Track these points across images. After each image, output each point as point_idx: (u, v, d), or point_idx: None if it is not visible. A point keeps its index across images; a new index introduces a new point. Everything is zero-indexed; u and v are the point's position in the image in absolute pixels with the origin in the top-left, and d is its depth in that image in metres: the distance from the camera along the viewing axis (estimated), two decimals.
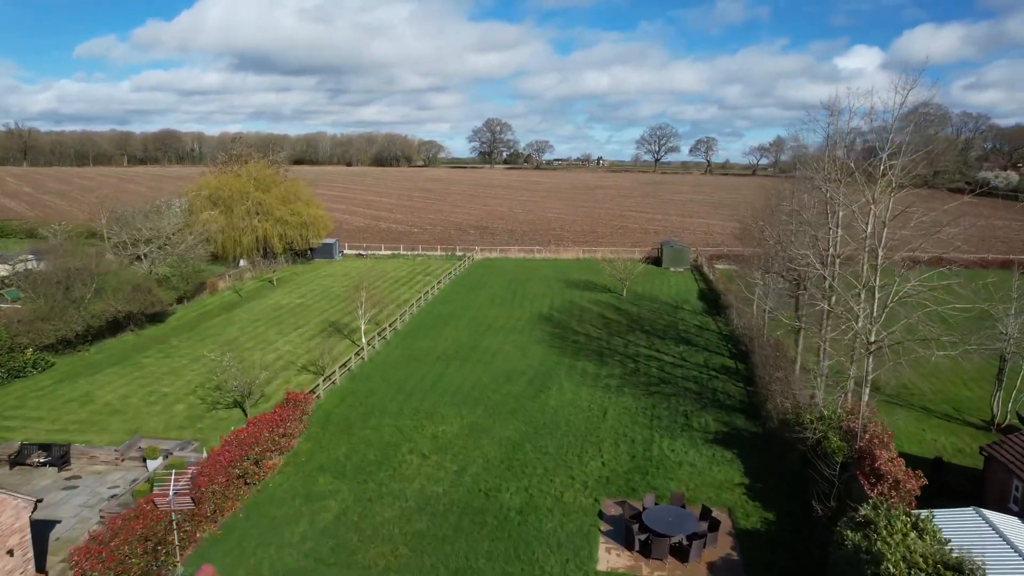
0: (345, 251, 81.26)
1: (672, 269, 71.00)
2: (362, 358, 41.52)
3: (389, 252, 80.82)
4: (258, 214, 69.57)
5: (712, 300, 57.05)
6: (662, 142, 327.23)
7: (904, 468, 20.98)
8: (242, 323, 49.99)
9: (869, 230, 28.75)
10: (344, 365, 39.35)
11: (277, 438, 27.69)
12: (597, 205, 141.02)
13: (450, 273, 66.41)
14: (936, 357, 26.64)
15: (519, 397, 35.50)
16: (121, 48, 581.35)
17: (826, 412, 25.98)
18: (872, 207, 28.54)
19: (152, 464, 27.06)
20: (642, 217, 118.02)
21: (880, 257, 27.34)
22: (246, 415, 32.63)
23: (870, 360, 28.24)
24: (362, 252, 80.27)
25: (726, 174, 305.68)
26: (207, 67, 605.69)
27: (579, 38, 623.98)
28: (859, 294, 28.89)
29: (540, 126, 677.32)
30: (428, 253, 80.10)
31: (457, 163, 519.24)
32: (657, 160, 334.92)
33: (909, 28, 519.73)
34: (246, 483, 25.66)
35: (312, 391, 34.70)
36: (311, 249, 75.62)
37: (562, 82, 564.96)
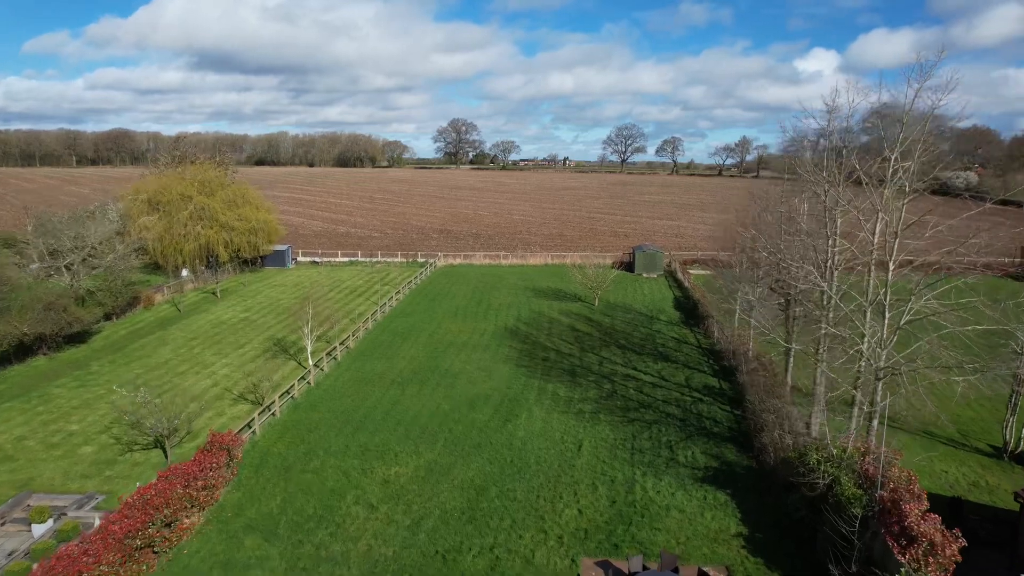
0: (299, 258, 76.24)
1: (645, 275, 67.83)
2: (308, 383, 37.11)
3: (346, 259, 76.06)
4: (202, 219, 64.26)
5: (689, 310, 53.88)
6: (628, 142, 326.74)
7: (941, 527, 17.63)
8: (177, 342, 44.98)
9: (876, 240, 25.63)
10: (287, 392, 34.93)
11: (195, 492, 23.24)
12: (565, 207, 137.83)
13: (410, 282, 62.10)
14: (953, 383, 23.67)
15: (484, 428, 31.55)
16: (74, 45, 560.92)
17: (835, 451, 22.62)
18: (880, 214, 25.44)
19: (39, 529, 22.40)
20: (611, 219, 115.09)
21: (891, 272, 24.17)
22: (167, 457, 28.05)
23: (879, 387, 25.08)
24: (317, 259, 75.36)
25: (692, 174, 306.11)
26: (165, 65, 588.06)
27: (544, 39, 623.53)
28: (865, 312, 25.74)
29: (506, 127, 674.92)
30: (388, 260, 75.58)
31: (423, 164, 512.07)
32: (623, 160, 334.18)
33: (864, 32, 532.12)
34: (153, 552, 21.23)
35: (247, 426, 30.24)
36: (261, 257, 70.57)
37: (528, 83, 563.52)
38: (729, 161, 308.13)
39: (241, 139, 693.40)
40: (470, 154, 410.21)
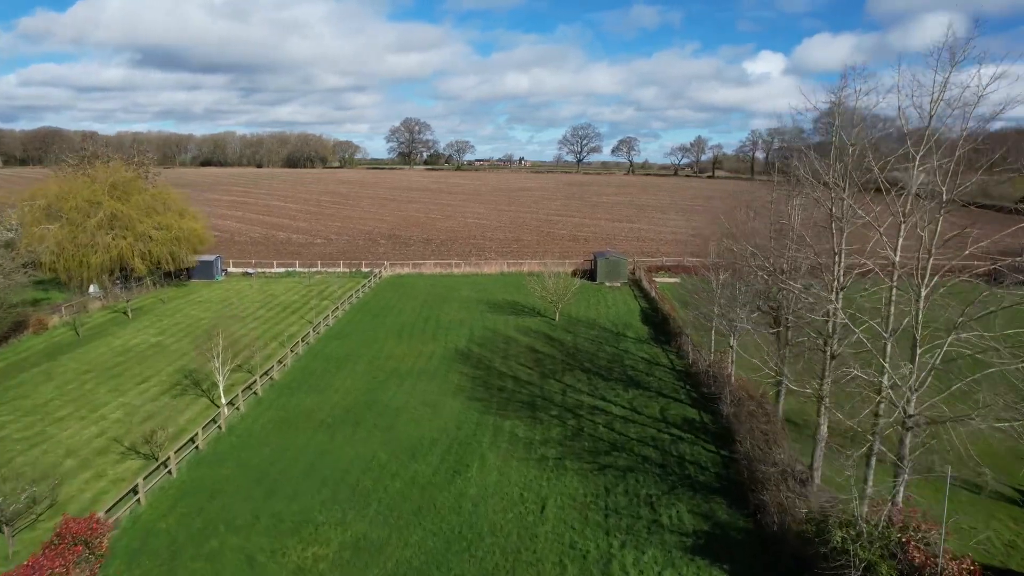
0: (230, 269, 69.16)
1: (608, 284, 63.24)
2: (218, 427, 31.02)
3: (282, 269, 69.37)
4: (114, 228, 56.88)
5: (658, 324, 49.38)
6: (584, 142, 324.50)
7: None
8: (66, 377, 38.12)
9: (897, 257, 21.23)
10: (191, 441, 28.83)
11: None
12: (521, 209, 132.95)
13: (352, 295, 56.09)
14: (987, 429, 19.36)
15: (427, 485, 26.12)
16: (5, 38, 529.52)
17: (866, 528, 17.97)
18: (902, 224, 21.07)
19: None
20: (569, 222, 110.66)
21: (923, 297, 19.75)
22: (8, 555, 21.72)
23: (908, 439, 20.65)
24: (250, 270, 68.43)
25: (648, 174, 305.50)
26: (106, 62, 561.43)
27: (499, 40, 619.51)
28: (885, 344, 21.31)
29: (461, 127, 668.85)
30: (329, 270, 69.21)
31: (375, 164, 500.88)
32: (579, 160, 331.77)
33: (808, 36, 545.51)
34: None
35: (132, 492, 24.14)
36: (187, 269, 63.41)
37: (482, 83, 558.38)
38: (684, 161, 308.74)
39: (186, 139, 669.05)
40: (424, 154, 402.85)
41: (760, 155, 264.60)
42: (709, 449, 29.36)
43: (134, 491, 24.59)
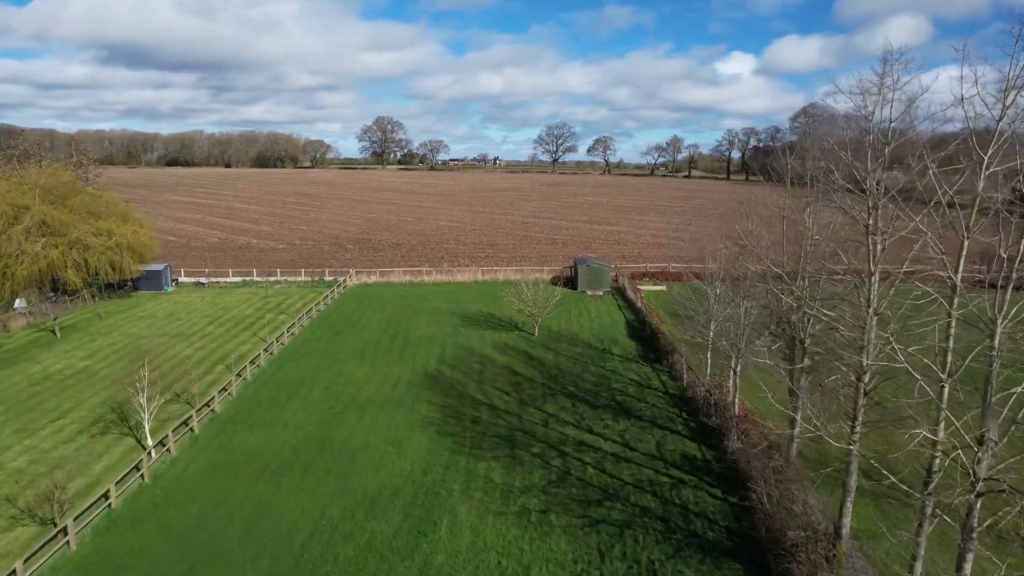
0: (181, 279, 63.78)
1: (590, 293, 59.25)
2: (141, 477, 26.25)
3: (238, 279, 64.13)
4: (44, 236, 51.33)
5: (646, 339, 45.43)
6: (559, 142, 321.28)
7: None
8: None
9: (960, 279, 17.41)
10: (103, 498, 24.07)
11: None
12: (496, 210, 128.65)
13: (312, 308, 51.31)
14: None
15: (387, 551, 21.74)
16: None
17: None
18: (965, 240, 17.30)
19: None
20: (547, 224, 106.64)
21: (997, 335, 15.93)
22: None
23: (977, 506, 16.82)
24: (202, 280, 63.08)
25: (624, 174, 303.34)
26: (70, 59, 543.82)
27: (473, 39, 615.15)
28: (942, 387, 17.48)
29: (435, 126, 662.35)
30: (290, 279, 64.15)
31: (348, 164, 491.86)
32: (555, 160, 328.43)
33: (778, 37, 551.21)
34: None
35: None
36: (131, 280, 57.94)
37: (456, 82, 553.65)
38: (660, 160, 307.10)
39: (152, 138, 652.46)
40: (397, 154, 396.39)
41: (736, 154, 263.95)
42: (716, 495, 25.38)
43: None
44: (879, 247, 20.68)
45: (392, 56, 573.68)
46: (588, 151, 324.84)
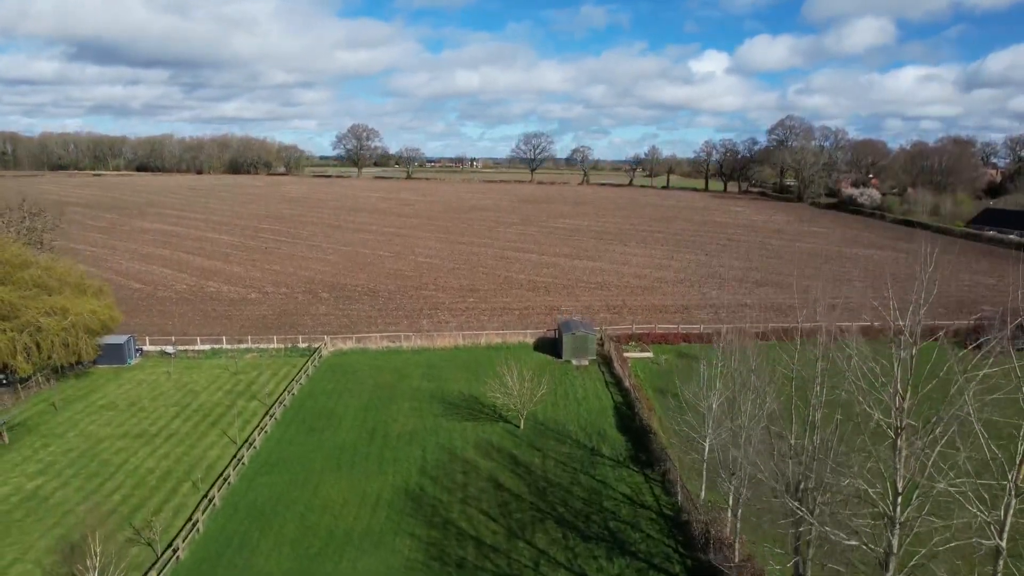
0: (146, 347, 60.59)
1: (575, 363, 57.34)
2: None
3: (207, 346, 61.12)
4: None
5: (636, 433, 43.59)
6: (537, 151, 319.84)
7: None
8: None
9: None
10: None
11: None
12: (475, 240, 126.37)
13: (286, 393, 48.70)
14: None
15: None
16: None
17: None
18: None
19: None
20: (526, 260, 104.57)
21: None
22: None
23: None
24: (168, 350, 59.94)
25: (603, 184, 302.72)
26: (36, 54, 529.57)
27: (450, 37, 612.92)
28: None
29: (412, 123, 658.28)
30: (262, 346, 61.27)
31: (323, 167, 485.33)
32: (533, 170, 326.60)
33: (750, 37, 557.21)
34: None
35: None
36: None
37: (433, 80, 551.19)
38: (641, 155, 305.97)
39: (120, 141, 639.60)
40: (373, 158, 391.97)
41: (715, 156, 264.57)
42: None
43: None
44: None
45: (369, 54, 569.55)
46: (567, 162, 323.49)
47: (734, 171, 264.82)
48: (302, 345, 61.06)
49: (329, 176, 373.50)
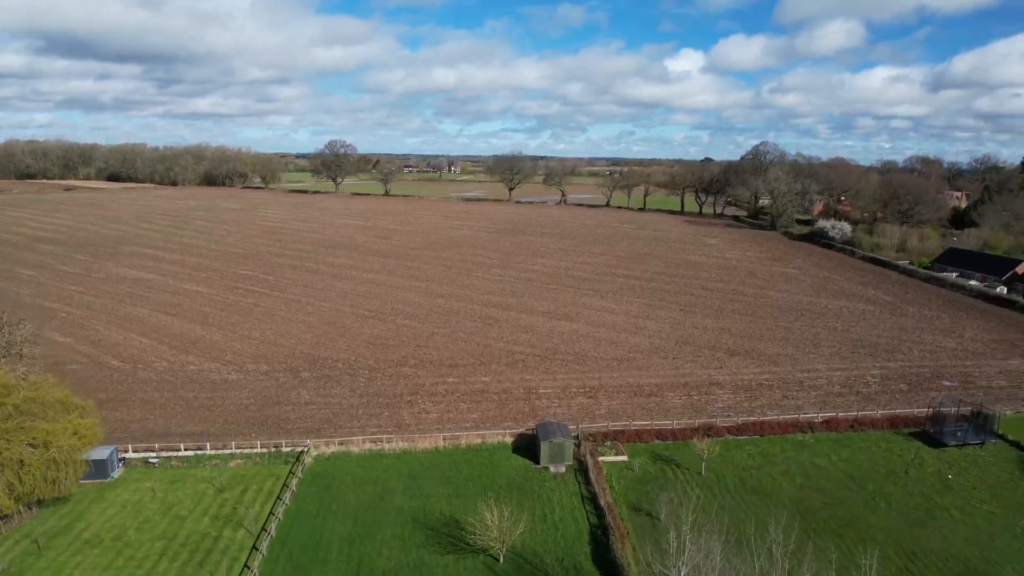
0: (129, 454, 61.12)
1: (552, 469, 59.16)
2: None
3: (192, 452, 61.83)
4: None
5: (610, 565, 45.42)
6: (514, 172, 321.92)
7: None
8: None
9: None
10: None
11: None
12: (454, 294, 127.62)
13: (272, 517, 49.79)
14: None
15: None
16: None
17: None
18: None
19: None
20: (506, 322, 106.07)
21: None
22: None
23: None
24: (152, 459, 60.59)
25: (580, 204, 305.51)
26: (2, 47, 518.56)
27: (427, 35, 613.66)
28: None
29: (388, 119, 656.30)
30: (246, 451, 62.08)
31: (300, 171, 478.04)
32: (511, 188, 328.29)
33: (725, 36, 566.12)
34: None
35: None
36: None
37: (410, 77, 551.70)
38: (615, 171, 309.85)
39: (91, 149, 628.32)
40: (346, 176, 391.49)
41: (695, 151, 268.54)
42: None
43: None
44: None
45: (346, 50, 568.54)
46: (544, 182, 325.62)
47: (710, 187, 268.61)
48: (285, 450, 62.06)
49: (306, 192, 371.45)
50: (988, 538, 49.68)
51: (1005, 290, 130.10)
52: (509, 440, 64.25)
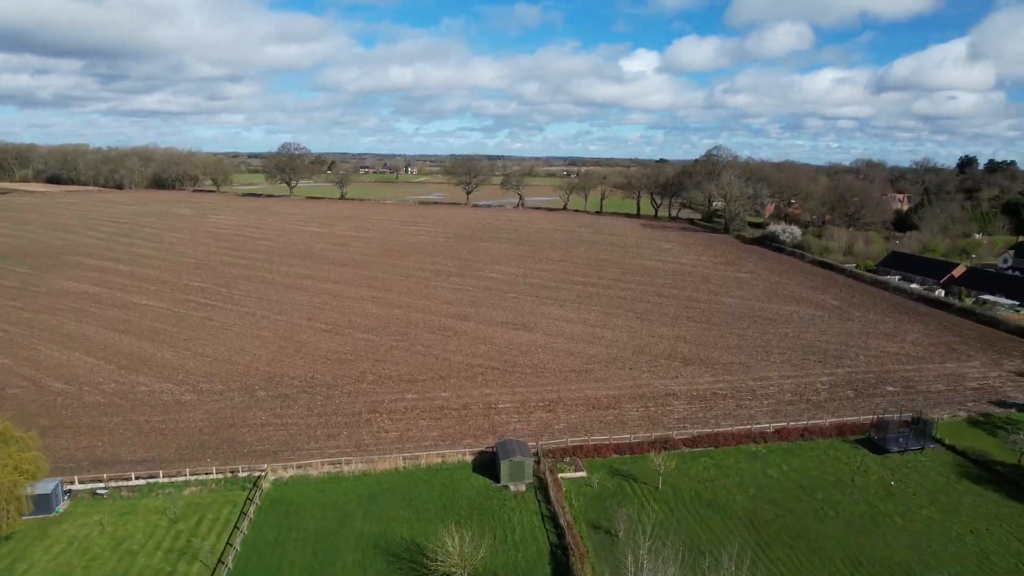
0: (75, 485, 59.12)
1: (512, 488, 59.62)
2: None
3: (143, 480, 60.19)
4: None
5: None
6: (472, 176, 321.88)
7: None
8: None
9: None
10: None
11: None
12: (412, 304, 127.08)
13: (229, 548, 48.90)
14: None
15: None
16: None
17: None
18: None
19: None
20: (464, 334, 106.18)
21: None
22: None
23: None
24: (100, 490, 58.75)
25: (538, 208, 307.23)
26: None
27: (384, 32, 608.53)
28: None
29: (343, 118, 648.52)
30: (201, 477, 60.76)
31: (253, 172, 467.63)
32: (469, 192, 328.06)
33: (678, 37, 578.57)
34: None
35: None
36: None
37: (365, 75, 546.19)
38: (572, 172, 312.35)
39: (28, 149, 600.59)
40: (300, 179, 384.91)
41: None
42: None
43: None
44: None
45: (300, 48, 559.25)
46: (501, 185, 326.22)
47: (665, 190, 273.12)
48: (242, 475, 60.96)
49: (259, 196, 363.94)
50: (927, 543, 52.13)
51: (943, 293, 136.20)
52: (469, 459, 64.44)
